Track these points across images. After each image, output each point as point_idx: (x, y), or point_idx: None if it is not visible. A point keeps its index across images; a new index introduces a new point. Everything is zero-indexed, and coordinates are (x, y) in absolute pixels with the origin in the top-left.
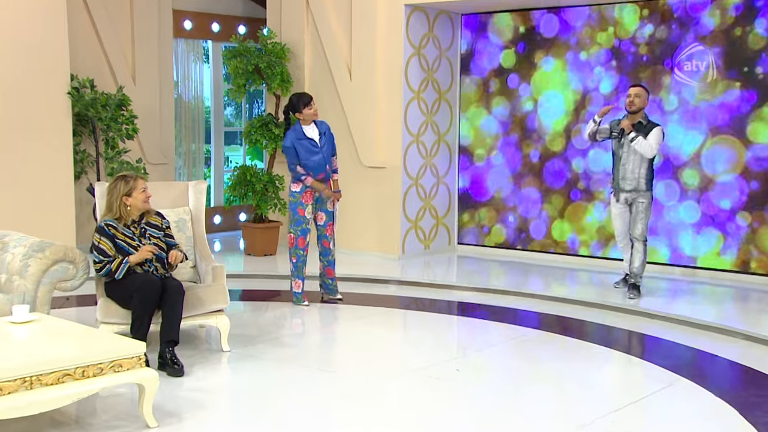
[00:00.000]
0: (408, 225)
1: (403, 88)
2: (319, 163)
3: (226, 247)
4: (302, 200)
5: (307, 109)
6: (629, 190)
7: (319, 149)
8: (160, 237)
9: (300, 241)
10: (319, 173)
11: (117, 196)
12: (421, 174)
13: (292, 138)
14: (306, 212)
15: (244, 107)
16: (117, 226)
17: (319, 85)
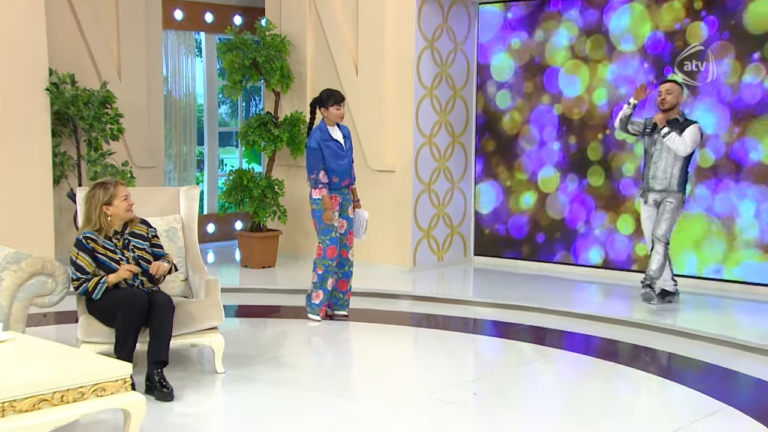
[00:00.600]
0: (420, 234)
1: (415, 85)
2: (346, 169)
3: (220, 258)
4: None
5: (336, 108)
6: (659, 190)
7: (345, 153)
8: (146, 248)
9: (330, 250)
10: (344, 179)
11: (96, 206)
12: (435, 178)
13: (318, 138)
14: (334, 219)
15: (241, 105)
16: (97, 239)
17: (322, 81)
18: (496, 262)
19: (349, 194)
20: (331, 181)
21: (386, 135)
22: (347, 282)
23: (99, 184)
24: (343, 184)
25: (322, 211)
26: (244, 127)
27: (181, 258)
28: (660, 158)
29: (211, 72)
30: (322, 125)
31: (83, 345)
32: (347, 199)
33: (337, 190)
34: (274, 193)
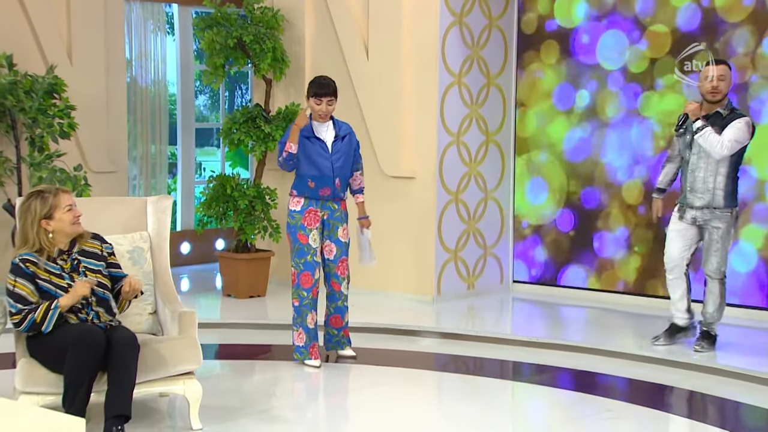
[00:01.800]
0: (446, 256)
1: (439, 71)
2: (325, 174)
3: (197, 285)
4: (303, 223)
5: (315, 101)
6: (700, 206)
7: (328, 155)
8: (101, 269)
9: (304, 278)
10: (323, 186)
11: (33, 221)
12: (464, 186)
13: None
14: (310, 239)
15: (223, 96)
16: (38, 262)
17: (324, 65)
18: (541, 290)
19: (337, 209)
20: (305, 186)
21: (404, 133)
22: (341, 318)
23: (35, 193)
24: (323, 194)
25: (296, 229)
26: (227, 123)
27: (148, 285)
28: (698, 165)
29: (185, 54)
30: (309, 117)
31: (22, 396)
32: (336, 217)
33: (314, 199)
34: (265, 205)
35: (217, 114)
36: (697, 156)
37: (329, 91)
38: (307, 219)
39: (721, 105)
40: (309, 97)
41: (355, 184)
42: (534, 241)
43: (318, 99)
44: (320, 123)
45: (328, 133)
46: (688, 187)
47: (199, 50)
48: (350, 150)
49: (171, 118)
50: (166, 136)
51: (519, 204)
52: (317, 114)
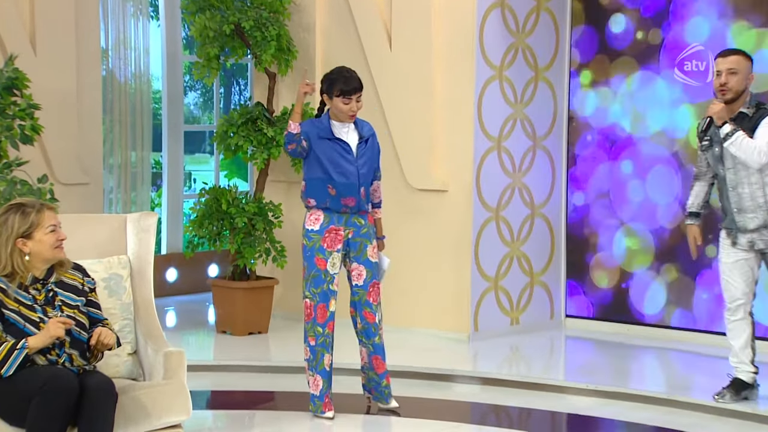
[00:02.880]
0: (485, 285)
1: (476, 62)
2: (351, 181)
3: (186, 320)
4: (322, 245)
5: (343, 101)
6: (756, 227)
7: (353, 159)
8: (80, 306)
9: (320, 311)
10: (347, 196)
11: (8, 239)
12: (506, 201)
13: (309, 129)
14: (329, 264)
15: (217, 93)
16: (6, 288)
17: (338, 56)
18: (601, 327)
19: (364, 224)
20: (324, 193)
21: (434, 137)
22: (383, 359)
23: (15, 206)
24: (346, 204)
25: (314, 252)
26: (222, 125)
27: (128, 320)
28: (739, 180)
29: (172, 43)
30: (324, 117)
31: None
32: (363, 234)
33: (336, 213)
34: (267, 224)
35: (211, 114)
36: (734, 170)
37: (358, 86)
38: (328, 240)
39: (741, 103)
40: (332, 96)
41: (375, 196)
42: (592, 267)
43: (347, 98)
44: (341, 123)
45: (351, 135)
46: (734, 208)
47: (188, 38)
48: (374, 155)
49: (155, 119)
50: (150, 140)
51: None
52: (345, 115)
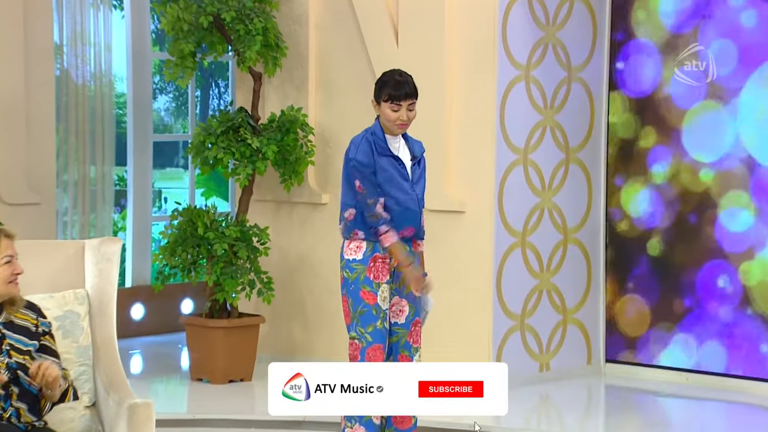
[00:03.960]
0: (509, 323)
1: (499, 61)
2: (412, 207)
3: (155, 366)
4: (369, 276)
5: (391, 106)
6: None
7: (409, 182)
8: (32, 351)
9: (374, 353)
10: (406, 225)
11: None
12: (534, 224)
13: (367, 150)
14: (379, 297)
15: (193, 96)
16: None
17: (336, 54)
18: (647, 374)
19: (412, 254)
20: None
21: (448, 149)
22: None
23: None
24: (404, 235)
25: (359, 285)
26: (199, 135)
27: (85, 366)
28: None
29: (140, 37)
30: (375, 129)
31: None
32: (406, 272)
33: None
34: (252, 251)
35: (185, 122)
36: None
37: (411, 91)
38: (374, 270)
39: None
40: (380, 101)
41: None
42: (636, 302)
43: (396, 104)
44: (392, 137)
45: (403, 152)
46: None
47: (158, 32)
48: (423, 174)
49: (119, 127)
50: (112, 152)
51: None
52: (393, 124)
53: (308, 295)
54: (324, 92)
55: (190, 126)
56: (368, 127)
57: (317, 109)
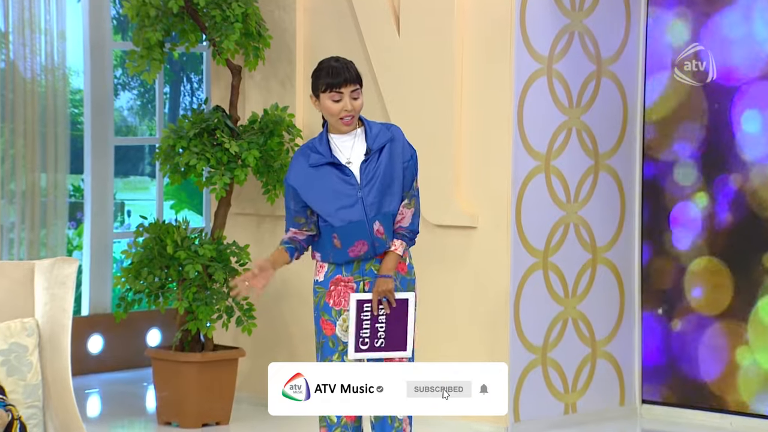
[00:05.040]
0: (528, 357)
1: (516, 52)
2: (352, 218)
3: (116, 406)
4: (328, 301)
5: (330, 96)
6: None
7: (354, 188)
8: None
9: None
10: (354, 241)
11: None
12: (557, 242)
13: (298, 168)
14: (338, 327)
15: (161, 93)
16: None
17: (328, 44)
18: (691, 417)
19: (384, 275)
20: (329, 246)
21: (457, 155)
22: None
23: None
24: (357, 254)
25: (319, 312)
26: (168, 138)
27: (35, 408)
28: None
29: (99, 25)
30: (318, 139)
31: None
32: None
33: (343, 263)
34: (230, 273)
35: (152, 123)
36: None
37: (350, 77)
38: (334, 294)
39: None
40: (318, 94)
41: (400, 222)
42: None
43: (336, 91)
44: (341, 135)
45: (355, 150)
46: None
47: (121, 19)
48: (392, 166)
49: (74, 129)
50: (66, 158)
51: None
52: (338, 120)
53: (295, 324)
54: None
55: (157, 128)
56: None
57: (306, 108)
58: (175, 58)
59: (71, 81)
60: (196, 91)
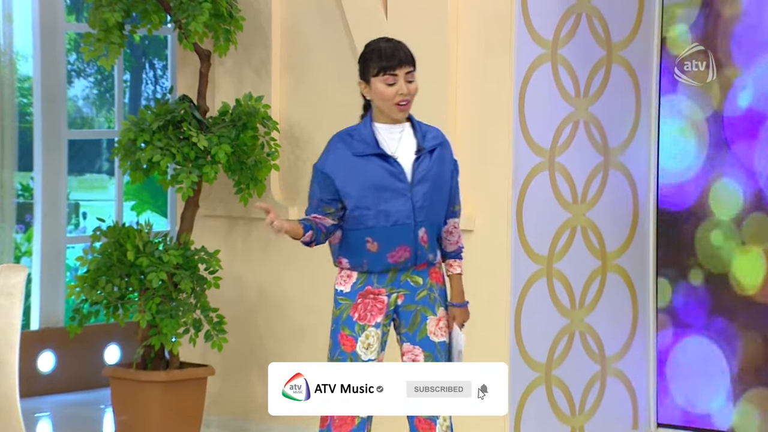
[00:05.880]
0: (531, 375)
1: (517, 36)
2: (398, 220)
3: (69, 431)
4: (353, 315)
5: (384, 80)
6: None
7: (404, 185)
8: None
9: (339, 418)
10: (396, 246)
11: None
12: (563, 247)
13: (336, 152)
14: (359, 345)
15: (120, 81)
16: None
17: (307, 26)
18: None
19: (423, 285)
20: (362, 250)
21: (454, 151)
22: None
23: None
24: (396, 261)
25: (339, 324)
26: (129, 131)
27: None
28: None
29: (50, 4)
30: (361, 126)
31: None
32: (422, 299)
33: (377, 272)
34: (198, 282)
35: (110, 115)
36: None
37: (404, 58)
38: (361, 308)
39: None
40: (369, 79)
41: (451, 240)
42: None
43: (390, 74)
44: (390, 125)
45: (404, 144)
46: None
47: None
48: (443, 173)
49: (23, 120)
50: (14, 153)
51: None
52: (391, 104)
53: (271, 339)
54: (292, 77)
55: (116, 120)
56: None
57: (283, 98)
58: (136, 42)
59: (19, 67)
60: (159, 78)
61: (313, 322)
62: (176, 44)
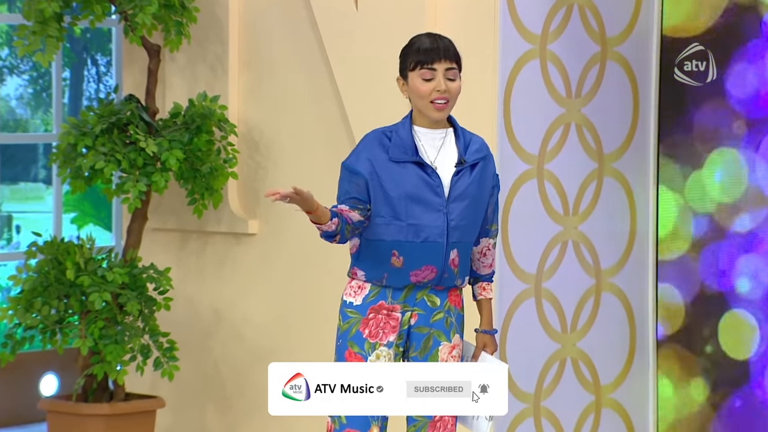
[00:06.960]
0: (518, 406)
1: (502, 29)
2: (429, 235)
3: None
4: (361, 331)
5: (421, 74)
6: None
7: (442, 199)
8: None
9: None
10: (422, 264)
11: None
12: (553, 263)
13: (374, 156)
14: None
15: (59, 79)
16: None
17: (268, 19)
18: None
19: (440, 307)
20: (384, 263)
21: None
22: None
23: None
24: (416, 279)
25: (346, 341)
26: (68, 135)
27: None
28: None
29: None
30: (401, 124)
31: None
32: (437, 321)
33: (399, 288)
34: (146, 303)
35: (47, 116)
36: None
37: (445, 53)
38: (372, 324)
39: None
40: (407, 73)
41: (485, 263)
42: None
43: (426, 68)
44: (431, 129)
45: (445, 153)
46: None
47: None
48: (483, 191)
49: None
50: None
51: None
52: (429, 103)
53: (228, 366)
54: (251, 75)
55: (55, 122)
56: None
57: (242, 98)
58: (76, 35)
59: None
60: (103, 76)
61: (274, 346)
62: (122, 38)
